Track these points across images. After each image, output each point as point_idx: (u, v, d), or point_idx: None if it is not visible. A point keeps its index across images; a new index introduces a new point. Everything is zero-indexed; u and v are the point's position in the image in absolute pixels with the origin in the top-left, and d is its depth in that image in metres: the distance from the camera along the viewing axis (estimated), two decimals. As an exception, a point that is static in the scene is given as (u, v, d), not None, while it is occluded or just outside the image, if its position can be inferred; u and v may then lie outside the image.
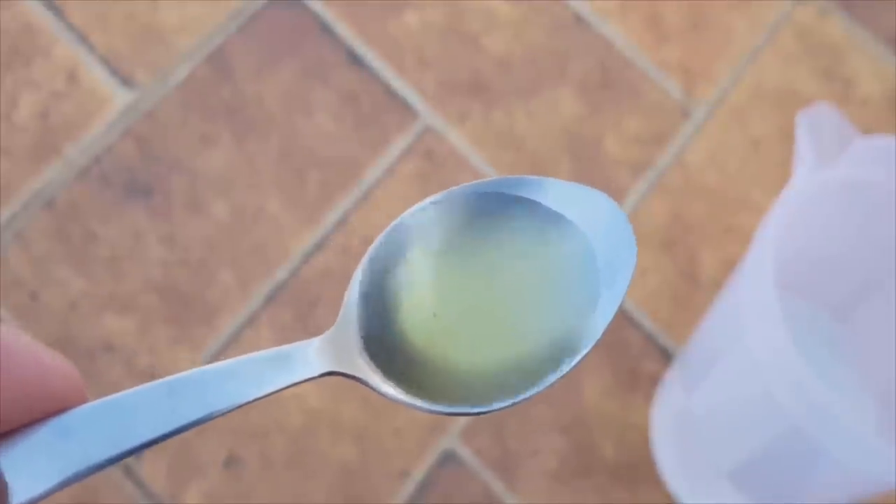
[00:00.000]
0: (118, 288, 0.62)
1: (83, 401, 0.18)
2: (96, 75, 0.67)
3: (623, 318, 0.64)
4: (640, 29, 0.71)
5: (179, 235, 0.64)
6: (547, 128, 0.68)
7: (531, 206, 0.21)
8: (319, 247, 0.64)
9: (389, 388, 0.20)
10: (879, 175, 0.48)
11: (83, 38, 0.68)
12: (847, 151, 0.47)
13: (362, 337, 0.20)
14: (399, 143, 0.67)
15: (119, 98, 0.66)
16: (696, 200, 0.67)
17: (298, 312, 0.62)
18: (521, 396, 0.20)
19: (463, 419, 0.61)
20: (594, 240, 0.21)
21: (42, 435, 0.17)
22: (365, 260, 0.21)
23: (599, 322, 0.20)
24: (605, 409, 0.62)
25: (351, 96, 0.68)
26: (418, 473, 0.60)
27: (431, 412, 0.20)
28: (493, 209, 0.21)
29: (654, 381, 0.62)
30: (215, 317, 0.62)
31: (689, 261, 0.65)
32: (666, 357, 0.63)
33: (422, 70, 0.69)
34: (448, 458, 0.60)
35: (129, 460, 0.58)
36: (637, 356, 0.63)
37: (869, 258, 0.54)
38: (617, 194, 0.67)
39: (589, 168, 0.67)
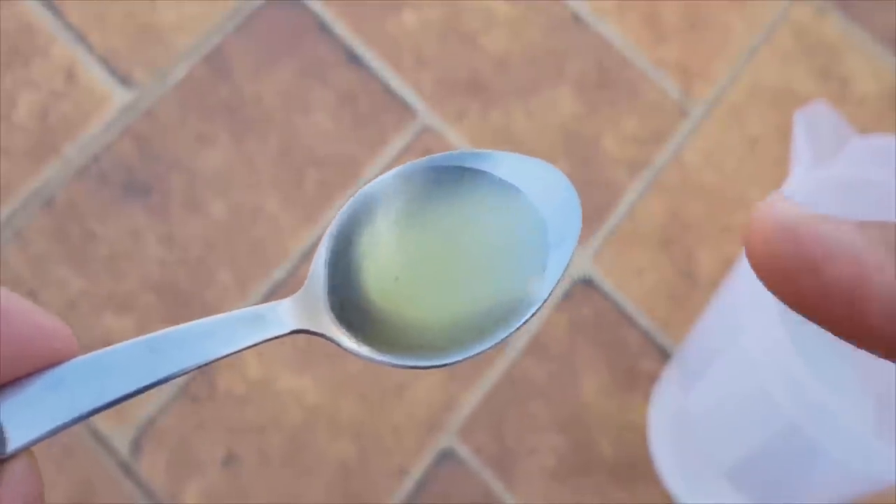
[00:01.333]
0: (117, 287, 0.62)
1: (74, 356, 0.20)
2: (95, 75, 0.67)
3: (621, 316, 0.64)
4: (637, 28, 0.72)
5: (178, 235, 0.64)
6: (545, 127, 0.68)
7: (485, 177, 0.23)
8: (317, 246, 0.64)
9: (353, 345, 0.21)
10: (877, 174, 0.48)
11: (81, 38, 0.68)
12: (844, 150, 0.47)
13: (329, 299, 0.22)
14: (397, 142, 0.67)
15: (117, 97, 0.67)
16: (694, 199, 0.67)
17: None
18: (476, 351, 0.21)
19: (461, 416, 0.61)
20: (543, 208, 0.22)
21: (35, 387, 0.19)
22: (330, 228, 0.23)
23: (547, 283, 0.22)
24: (603, 407, 0.62)
25: (349, 95, 0.68)
26: (416, 471, 0.60)
27: (394, 366, 0.21)
28: (451, 180, 0.23)
29: (651, 379, 0.62)
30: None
31: (687, 259, 0.65)
32: (663, 356, 0.63)
33: (420, 69, 0.69)
34: (446, 457, 0.60)
35: (128, 459, 0.58)
36: (635, 355, 0.63)
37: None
38: (614, 193, 0.67)
39: (587, 167, 0.67)
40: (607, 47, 0.71)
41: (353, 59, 0.69)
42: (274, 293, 0.63)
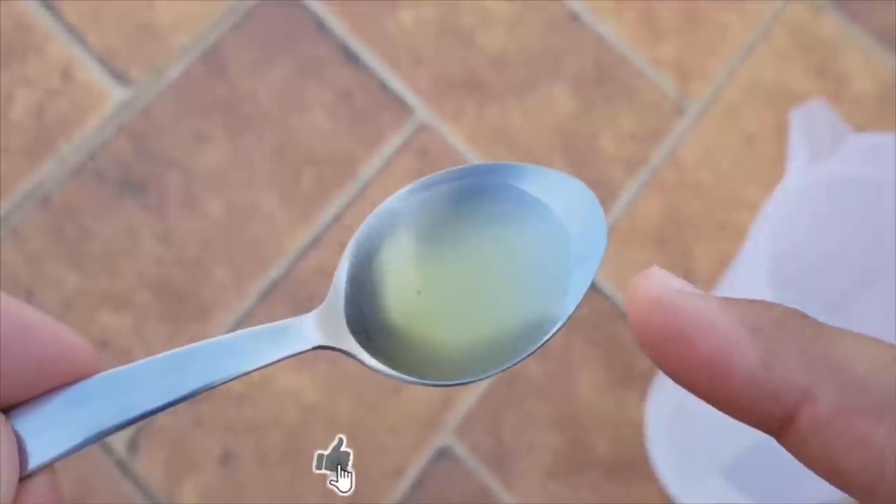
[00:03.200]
0: (113, 285, 0.62)
1: (95, 372, 0.20)
2: (91, 72, 0.67)
3: (617, 314, 0.64)
4: (634, 26, 0.72)
5: (174, 233, 0.64)
6: (541, 125, 0.68)
7: (510, 191, 0.22)
8: (314, 244, 0.64)
9: (374, 361, 0.21)
10: (873, 172, 0.48)
11: (78, 36, 0.68)
12: (840, 148, 0.47)
13: (348, 313, 0.21)
14: (394, 140, 0.67)
15: (114, 95, 0.66)
16: (690, 197, 0.67)
17: (294, 310, 0.62)
18: (495, 370, 0.21)
19: (459, 414, 0.61)
20: (568, 224, 0.22)
21: (57, 403, 0.19)
22: (352, 242, 0.22)
23: (570, 302, 0.21)
24: (600, 405, 0.62)
25: (346, 93, 0.68)
26: (414, 470, 0.60)
27: (413, 383, 0.21)
28: (476, 193, 0.22)
29: (648, 377, 0.62)
30: (210, 314, 0.62)
31: (684, 257, 0.66)
32: (660, 353, 0.63)
33: (416, 67, 0.69)
34: (443, 455, 0.60)
35: (125, 456, 0.58)
36: (631, 352, 0.63)
37: (863, 254, 0.55)
38: (611, 191, 0.67)
39: (583, 165, 0.67)
40: (604, 46, 0.71)
41: (350, 57, 0.69)
42: (271, 291, 0.63)
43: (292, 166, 0.66)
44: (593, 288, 0.64)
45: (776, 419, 0.16)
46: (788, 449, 0.16)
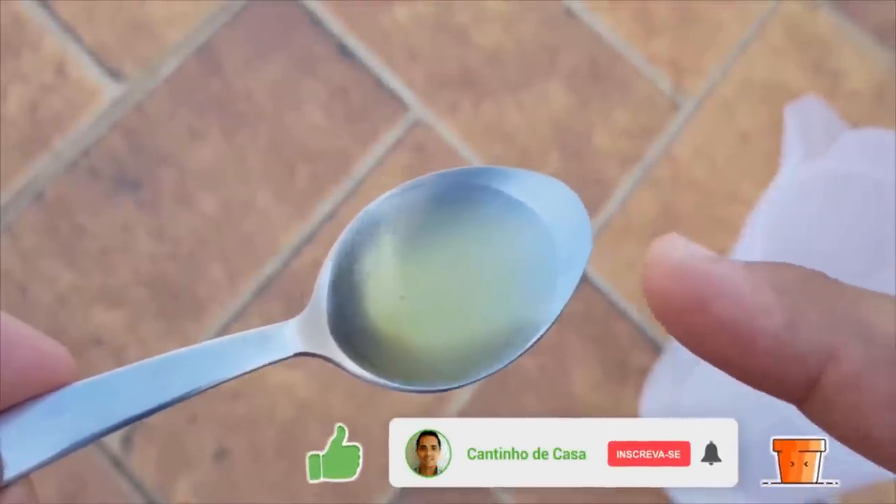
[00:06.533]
0: (107, 281, 0.62)
1: (74, 381, 0.19)
2: (85, 68, 0.67)
3: (612, 310, 0.64)
4: (629, 23, 0.72)
5: (168, 229, 0.63)
6: (536, 121, 0.68)
7: (495, 195, 0.22)
8: (309, 240, 0.64)
9: (357, 368, 0.21)
10: (868, 168, 0.48)
11: (71, 32, 0.68)
12: (835, 145, 0.47)
13: (331, 320, 0.21)
14: (389, 137, 0.67)
15: (108, 91, 0.66)
16: (685, 193, 0.67)
17: (288, 306, 0.62)
18: (480, 376, 0.21)
19: (453, 410, 0.61)
20: (554, 228, 0.22)
21: (35, 412, 0.19)
22: (335, 246, 0.22)
23: (555, 306, 0.21)
24: (595, 400, 0.62)
25: (341, 89, 0.68)
26: (408, 466, 0.60)
27: (396, 390, 0.21)
28: (459, 197, 0.22)
29: (643, 372, 0.62)
30: (205, 310, 0.62)
31: (679, 254, 0.65)
32: (655, 349, 0.63)
33: (412, 63, 0.69)
34: (438, 451, 0.60)
35: (119, 453, 0.58)
36: (626, 348, 0.63)
37: (859, 251, 0.55)
38: (606, 187, 0.67)
39: (578, 161, 0.67)
40: (600, 42, 0.71)
41: (345, 53, 0.69)
42: (265, 288, 0.62)
43: (287, 163, 0.66)
44: (588, 284, 0.64)
45: (800, 384, 0.15)
46: (812, 417, 0.16)
